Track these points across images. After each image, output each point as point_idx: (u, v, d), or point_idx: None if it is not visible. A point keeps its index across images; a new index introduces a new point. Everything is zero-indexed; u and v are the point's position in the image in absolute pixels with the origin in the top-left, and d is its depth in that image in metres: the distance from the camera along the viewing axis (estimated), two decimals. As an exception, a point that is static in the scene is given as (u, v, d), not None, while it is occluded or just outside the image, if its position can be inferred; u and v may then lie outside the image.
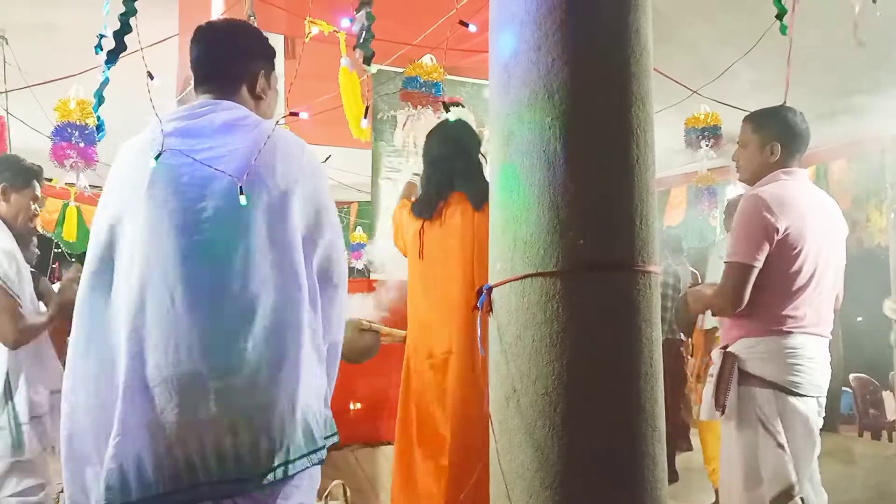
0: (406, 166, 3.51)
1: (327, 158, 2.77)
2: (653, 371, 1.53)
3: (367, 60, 1.56)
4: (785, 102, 2.86)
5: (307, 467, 1.38)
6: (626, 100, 1.54)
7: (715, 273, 3.89)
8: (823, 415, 2.37)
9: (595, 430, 1.46)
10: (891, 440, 5.83)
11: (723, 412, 2.27)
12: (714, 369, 2.34)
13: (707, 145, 4.13)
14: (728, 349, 2.33)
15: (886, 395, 6.13)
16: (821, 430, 2.33)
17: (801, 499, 2.24)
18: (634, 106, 1.55)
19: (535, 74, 1.53)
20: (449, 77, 3.41)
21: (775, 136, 2.42)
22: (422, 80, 2.71)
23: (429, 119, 3.33)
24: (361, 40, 1.51)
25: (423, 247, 2.49)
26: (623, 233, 1.53)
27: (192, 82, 1.59)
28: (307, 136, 1.67)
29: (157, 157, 1.38)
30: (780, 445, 2.20)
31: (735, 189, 4.96)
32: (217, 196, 1.35)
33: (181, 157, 1.38)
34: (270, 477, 1.28)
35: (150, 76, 1.48)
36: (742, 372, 2.28)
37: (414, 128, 3.38)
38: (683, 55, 4.20)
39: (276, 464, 1.29)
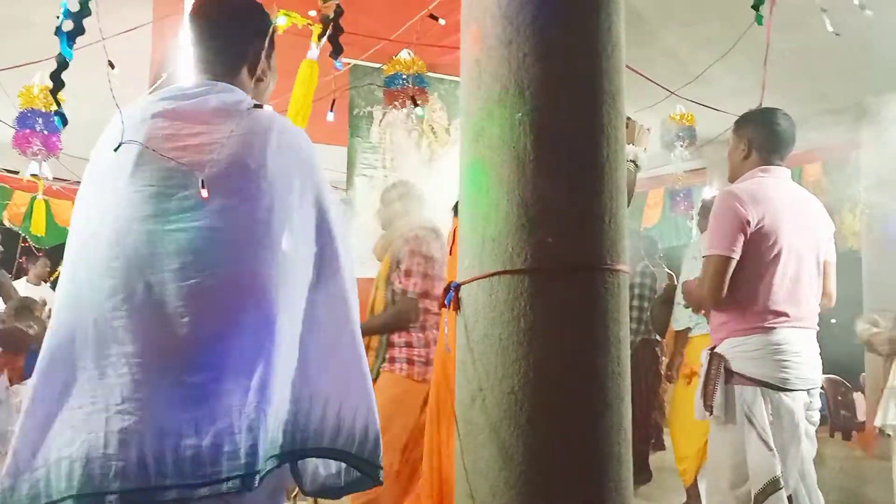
0: (382, 163, 3.49)
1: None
2: (620, 370, 1.52)
3: (336, 55, 1.52)
4: (761, 104, 2.90)
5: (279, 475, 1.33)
6: (598, 97, 1.53)
7: (689, 273, 3.92)
8: (819, 406, 2.41)
9: (560, 430, 1.45)
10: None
11: (711, 412, 2.31)
12: (702, 370, 2.38)
13: (682, 146, 4.16)
14: (715, 350, 2.37)
15: (857, 396, 6.21)
16: None
17: (790, 497, 2.26)
18: (605, 103, 1.54)
19: (506, 70, 1.52)
20: (429, 74, 3.39)
21: (747, 134, 2.49)
22: (404, 75, 2.69)
23: (407, 115, 3.31)
24: (329, 33, 1.48)
25: (454, 242, 2.49)
26: (592, 231, 1.52)
27: (191, 60, 1.51)
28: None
29: (116, 149, 1.34)
30: (766, 442, 2.24)
31: (710, 191, 5.00)
32: (204, 185, 1.29)
33: (171, 141, 1.33)
34: (232, 485, 1.23)
35: (111, 65, 1.44)
36: (729, 371, 2.32)
37: (391, 124, 3.35)
38: (664, 59, 4.23)
39: (242, 472, 1.24)
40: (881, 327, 2.97)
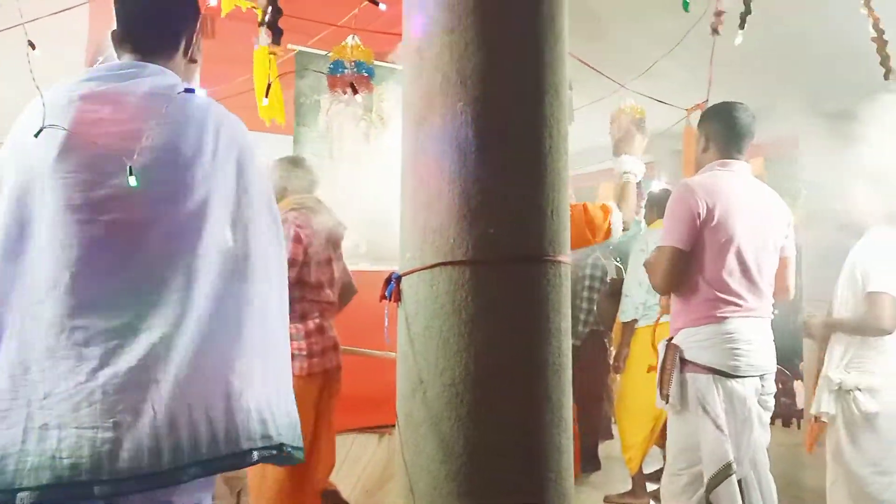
0: (330, 152, 3.42)
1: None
2: (561, 361, 1.52)
3: (276, 38, 1.48)
4: (707, 100, 2.94)
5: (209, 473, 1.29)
6: (540, 88, 1.52)
7: (636, 264, 3.98)
8: (773, 391, 2.49)
9: (501, 421, 1.45)
10: (799, 428, 6.12)
11: (668, 401, 2.38)
12: (659, 361, 2.45)
13: (632, 139, 4.20)
14: (672, 340, 2.44)
15: (797, 384, 6.42)
16: None
17: (740, 480, 2.33)
18: (548, 94, 1.53)
19: (448, 58, 1.49)
20: (378, 63, 3.33)
21: (704, 130, 2.58)
22: (346, 63, 2.63)
23: (354, 104, 3.25)
24: (268, 16, 1.43)
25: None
26: (534, 222, 1.51)
27: (115, 38, 1.43)
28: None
29: (37, 134, 1.27)
30: (719, 427, 2.31)
31: (658, 184, 5.07)
32: (136, 173, 1.23)
33: (100, 126, 1.27)
34: (162, 480, 1.19)
35: (32, 46, 1.36)
36: (684, 360, 2.38)
37: (338, 112, 3.29)
38: (615, 53, 4.25)
39: (166, 468, 1.20)
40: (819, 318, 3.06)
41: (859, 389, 2.84)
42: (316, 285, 2.61)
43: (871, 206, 3.01)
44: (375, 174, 3.09)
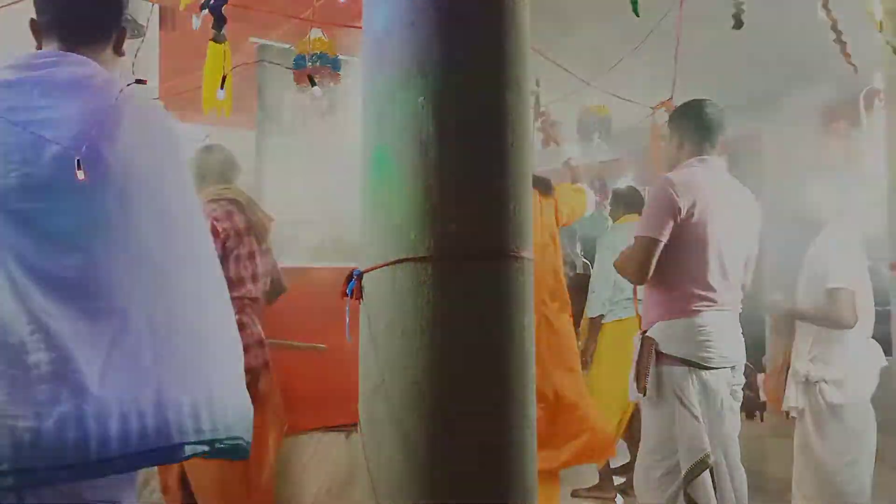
0: (294, 148, 3.38)
1: (206, 138, 2.60)
2: (524, 357, 1.51)
3: (218, 25, 1.45)
4: (672, 98, 2.97)
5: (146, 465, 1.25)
6: (502, 82, 1.51)
7: (602, 260, 4.00)
8: (742, 382, 2.54)
9: (464, 420, 1.43)
10: (762, 420, 6.23)
11: (644, 394, 2.40)
12: (634, 354, 2.47)
13: (598, 137, 4.23)
14: (646, 333, 2.47)
15: (760, 377, 6.54)
16: None
17: (711, 470, 2.37)
18: (510, 89, 1.52)
19: (409, 52, 1.47)
20: (344, 57, 3.30)
21: (678, 127, 2.61)
22: (308, 56, 2.59)
23: (318, 99, 3.21)
24: (211, 2, 1.40)
25: None
26: (497, 218, 1.50)
27: (36, 27, 1.39)
28: (185, 112, 1.54)
29: None
30: (696, 417, 2.35)
31: (625, 181, 5.11)
32: (48, 163, 1.20)
33: (12, 114, 1.23)
34: (88, 471, 1.15)
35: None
36: (659, 353, 2.41)
37: (303, 107, 3.25)
38: (582, 50, 4.26)
39: (93, 458, 1.15)
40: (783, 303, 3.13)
41: (825, 381, 2.90)
42: (236, 281, 2.51)
43: (830, 201, 3.07)
44: (340, 169, 3.05)
